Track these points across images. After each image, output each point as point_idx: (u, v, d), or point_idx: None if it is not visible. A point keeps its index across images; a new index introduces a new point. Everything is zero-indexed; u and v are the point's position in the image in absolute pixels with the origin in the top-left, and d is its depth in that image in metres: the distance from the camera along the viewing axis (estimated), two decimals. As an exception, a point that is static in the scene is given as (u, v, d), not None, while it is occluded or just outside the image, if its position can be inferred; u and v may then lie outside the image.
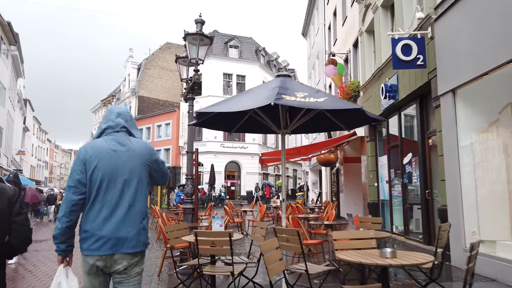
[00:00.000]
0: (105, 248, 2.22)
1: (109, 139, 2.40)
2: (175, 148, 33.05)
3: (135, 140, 2.49)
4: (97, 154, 2.31)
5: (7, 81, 25.90)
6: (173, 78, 40.52)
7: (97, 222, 2.25)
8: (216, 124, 5.43)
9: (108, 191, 2.28)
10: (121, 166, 2.33)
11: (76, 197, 2.25)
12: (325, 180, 19.49)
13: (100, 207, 2.27)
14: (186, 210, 6.93)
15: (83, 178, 2.27)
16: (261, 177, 33.46)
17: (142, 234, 2.35)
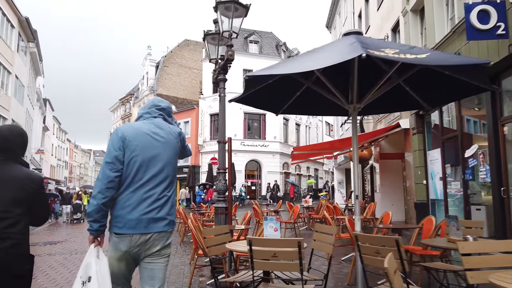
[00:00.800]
0: (140, 226, 2.26)
1: (148, 123, 2.46)
2: (194, 147, 32.22)
3: (170, 125, 2.55)
4: (136, 136, 2.35)
5: (25, 79, 25.54)
6: (192, 76, 39.81)
7: (131, 203, 2.27)
8: (261, 100, 4.33)
9: (145, 174, 2.31)
10: (158, 150, 2.38)
11: (113, 174, 2.26)
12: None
13: (134, 188, 2.29)
14: (219, 210, 5.88)
15: (121, 155, 2.30)
16: (283, 176, 32.32)
17: (172, 212, 2.41)
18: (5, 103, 21.19)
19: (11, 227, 2.07)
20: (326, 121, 44.06)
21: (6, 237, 2.05)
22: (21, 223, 2.13)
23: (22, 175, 2.19)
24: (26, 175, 2.21)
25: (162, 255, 2.38)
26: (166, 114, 2.60)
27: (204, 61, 33.48)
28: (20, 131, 2.33)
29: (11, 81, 22.03)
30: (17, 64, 23.03)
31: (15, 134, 2.27)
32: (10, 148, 2.21)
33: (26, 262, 2.16)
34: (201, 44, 39.09)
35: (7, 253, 2.03)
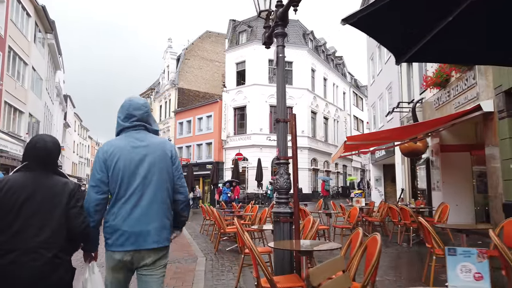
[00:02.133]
0: (128, 243, 2.24)
1: (127, 136, 2.41)
2: (217, 142, 30.70)
3: (154, 136, 2.50)
4: (117, 151, 2.33)
5: (43, 71, 24.53)
6: (214, 69, 38.30)
7: (119, 217, 2.27)
8: (385, 27, 2.47)
9: (129, 187, 2.30)
10: (140, 161, 2.34)
11: (99, 196, 2.30)
12: (402, 175, 16.23)
13: (122, 203, 2.29)
14: (281, 216, 4.14)
15: (104, 176, 2.31)
16: (311, 173, 30.41)
17: (164, 230, 2.35)
18: (21, 95, 20.11)
19: (53, 237, 2.09)
20: (355, 115, 41.81)
21: (49, 247, 2.07)
22: (62, 232, 2.15)
23: (60, 185, 2.22)
24: (63, 184, 2.23)
25: (157, 266, 2.36)
26: (145, 122, 2.48)
27: (227, 52, 31.86)
28: (58, 142, 2.36)
29: (28, 73, 20.96)
30: (34, 56, 21.96)
31: (56, 146, 2.31)
32: (54, 159, 2.27)
33: (66, 273, 2.16)
34: (223, 36, 37.52)
35: (50, 263, 2.06)
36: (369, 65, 23.33)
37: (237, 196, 20.38)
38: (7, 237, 2.03)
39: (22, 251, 2.01)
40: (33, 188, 2.13)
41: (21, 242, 2.03)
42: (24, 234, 2.04)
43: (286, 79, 26.64)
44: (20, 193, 2.10)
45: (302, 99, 30.03)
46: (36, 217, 2.08)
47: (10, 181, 2.13)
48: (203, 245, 8.87)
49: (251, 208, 11.42)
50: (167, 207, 2.40)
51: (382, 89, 19.55)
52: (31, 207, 2.09)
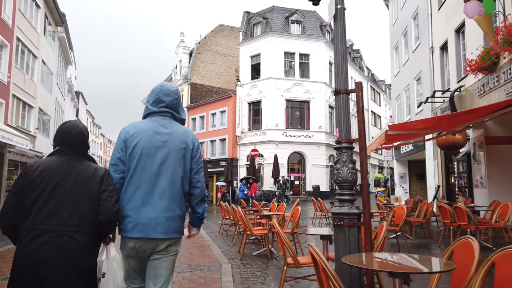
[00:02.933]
0: (136, 230, 2.21)
1: (152, 120, 2.39)
2: (231, 138, 29.75)
3: (179, 125, 2.46)
4: (138, 133, 2.31)
5: (54, 65, 23.86)
6: (227, 63, 37.33)
7: (132, 203, 2.25)
8: None
9: (145, 171, 2.27)
10: (160, 147, 2.30)
11: (117, 175, 2.28)
12: (434, 172, 14.98)
13: (135, 187, 2.26)
14: (345, 219, 3.09)
15: (123, 156, 2.30)
16: (329, 170, 29.22)
17: (176, 221, 2.29)
18: (31, 89, 19.41)
19: (84, 220, 2.11)
20: (372, 110, 40.41)
21: (80, 231, 2.09)
22: (93, 217, 2.16)
23: (90, 169, 2.23)
24: (94, 169, 2.24)
25: (169, 252, 2.32)
26: (173, 109, 2.46)
27: (241, 45, 30.84)
28: (86, 128, 2.35)
29: (38, 66, 20.26)
30: (44, 49, 21.26)
31: (85, 132, 2.30)
32: (82, 144, 2.26)
33: (96, 256, 2.21)
34: (237, 29, 36.52)
35: (81, 246, 2.07)
36: (392, 55, 22.05)
37: (254, 193, 19.39)
38: (40, 219, 2.06)
39: (55, 232, 2.05)
40: (66, 172, 2.16)
41: (54, 224, 2.06)
42: (57, 217, 2.08)
43: (303, 72, 25.30)
44: (52, 176, 2.13)
45: (319, 93, 28.85)
46: (68, 200, 2.11)
47: (43, 165, 2.18)
48: (225, 248, 7.88)
49: (277, 206, 10.43)
50: (180, 198, 2.34)
51: (409, 79, 18.30)
52: (63, 190, 2.12)
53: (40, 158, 21.13)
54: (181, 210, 2.34)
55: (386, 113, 47.16)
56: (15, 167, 18.99)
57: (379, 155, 42.54)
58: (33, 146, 19.51)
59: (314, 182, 27.65)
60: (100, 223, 2.17)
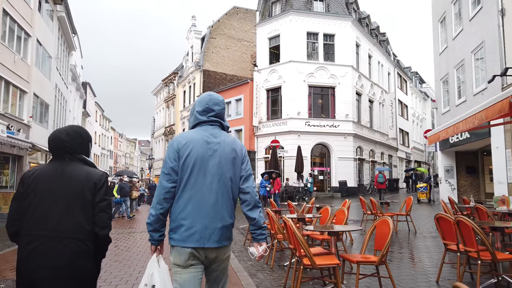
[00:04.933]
0: (192, 240, 2.22)
1: (202, 130, 2.42)
2: (248, 129, 27.12)
3: (227, 134, 2.52)
4: (190, 143, 2.34)
5: (52, 48, 21.51)
6: (242, 49, 34.62)
7: (185, 212, 2.25)
8: None
9: (198, 180, 2.29)
10: (212, 157, 2.34)
11: (169, 185, 2.29)
12: (506, 163, 12.10)
13: (188, 197, 2.27)
14: None
15: (176, 166, 2.31)
16: (356, 163, 26.38)
17: (227, 229, 2.32)
18: (23, 72, 17.06)
19: (76, 225, 2.09)
20: (399, 99, 37.24)
21: (71, 236, 2.07)
22: (85, 223, 2.11)
23: (82, 173, 2.20)
24: (87, 174, 2.21)
25: (221, 260, 2.34)
26: (221, 118, 2.49)
27: (258, 26, 28.05)
28: (79, 131, 2.33)
29: (31, 46, 17.89)
30: (39, 27, 18.88)
31: (72, 135, 2.27)
32: (69, 149, 2.23)
33: (91, 262, 2.14)
34: (252, 12, 33.75)
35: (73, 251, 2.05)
36: (436, 30, 19.02)
37: (278, 190, 16.73)
38: (33, 225, 2.07)
39: (46, 238, 2.04)
40: (59, 177, 2.17)
41: (45, 230, 2.05)
42: (48, 222, 2.07)
43: (327, 54, 22.25)
44: (45, 181, 2.15)
45: (345, 78, 25.95)
46: (59, 205, 2.10)
47: (38, 171, 2.22)
48: (260, 277, 5.23)
49: (318, 209, 7.77)
50: (231, 207, 2.37)
51: (463, 54, 15.32)
52: (55, 195, 2.11)
53: (35, 150, 18.90)
54: (232, 218, 2.37)
55: (413, 103, 43.90)
56: (5, 160, 16.74)
57: (405, 148, 39.42)
58: (27, 136, 17.20)
59: (340, 177, 24.85)
60: (94, 233, 2.14)
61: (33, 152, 18.91)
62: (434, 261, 5.94)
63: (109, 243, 2.25)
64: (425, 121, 49.02)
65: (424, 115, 48.88)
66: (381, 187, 20.25)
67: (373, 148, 29.61)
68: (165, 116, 41.23)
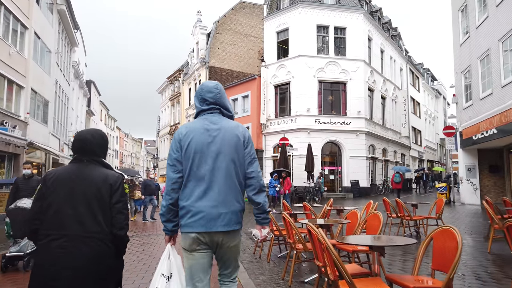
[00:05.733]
0: (198, 225, 2.27)
1: (202, 119, 2.49)
2: (255, 127, 26.10)
3: (228, 120, 2.53)
4: (190, 132, 2.41)
5: (52, 43, 20.68)
6: (249, 45, 33.62)
7: (192, 198, 2.31)
8: None
9: (200, 168, 2.34)
10: (212, 143, 2.38)
11: (175, 175, 2.37)
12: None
13: (194, 184, 2.34)
14: None
15: (179, 156, 2.38)
16: (369, 162, 25.23)
17: (234, 214, 2.35)
18: (20, 66, 16.22)
19: (96, 226, 2.14)
20: (412, 96, 35.95)
21: (92, 236, 2.12)
22: (103, 223, 2.17)
23: (100, 175, 2.26)
24: (104, 175, 2.27)
25: (230, 246, 2.37)
26: (220, 105, 2.53)
27: (266, 20, 27.02)
28: (100, 134, 2.41)
29: (28, 38, 17.05)
30: (37, 20, 18.05)
31: (96, 137, 2.35)
32: (91, 150, 2.30)
33: (111, 261, 2.19)
34: (259, 7, 32.74)
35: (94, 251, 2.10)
36: (456, 20, 17.84)
37: (288, 190, 15.69)
38: (54, 225, 2.13)
39: (67, 237, 2.09)
40: (78, 179, 2.22)
41: (67, 229, 2.11)
42: (69, 222, 2.13)
43: (338, 49, 21.09)
44: (64, 183, 2.21)
45: (357, 73, 24.81)
46: (79, 206, 2.15)
47: (58, 172, 2.28)
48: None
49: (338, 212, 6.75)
50: (237, 191, 2.40)
51: (489, 43, 14.15)
52: (74, 196, 2.17)
53: (33, 148, 18.07)
54: (239, 202, 2.40)
55: (425, 100, 42.55)
56: (1, 158, 15.90)
57: (418, 146, 38.14)
58: (24, 133, 16.35)
59: (352, 176, 23.72)
60: (112, 233, 2.19)
61: (31, 150, 18.08)
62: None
63: (127, 242, 2.29)
64: (437, 119, 47.62)
65: (436, 113, 47.46)
66: (397, 187, 19.11)
67: (385, 147, 28.42)
68: (170, 114, 40.38)
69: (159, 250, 7.38)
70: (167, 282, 2.29)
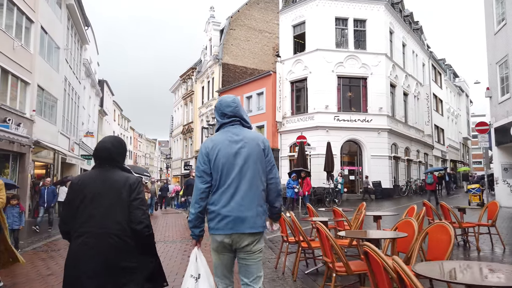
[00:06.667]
0: (227, 227, 2.48)
1: (225, 132, 2.68)
2: (270, 125, 24.98)
3: (249, 131, 2.73)
4: (216, 146, 2.61)
5: (60, 38, 19.98)
6: (263, 41, 32.52)
7: (220, 204, 2.52)
8: None
9: (228, 177, 2.54)
10: (237, 154, 2.57)
11: (203, 186, 2.57)
12: None
13: (222, 191, 2.54)
14: None
15: (207, 168, 2.59)
16: (392, 162, 23.82)
17: (259, 217, 2.54)
18: (25, 61, 15.49)
19: (118, 224, 2.36)
20: (434, 93, 34.25)
21: (114, 233, 2.34)
22: (125, 222, 2.37)
23: (121, 178, 2.49)
24: (124, 178, 2.50)
25: (254, 250, 2.53)
26: (239, 117, 2.71)
27: (281, 13, 25.88)
28: (120, 142, 2.68)
29: (35, 33, 16.33)
30: (44, 13, 17.35)
31: (116, 145, 2.60)
32: (113, 158, 2.55)
33: (133, 256, 2.37)
34: (274, 1, 31.59)
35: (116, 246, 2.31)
36: (489, 6, 16.38)
37: (308, 191, 14.51)
38: (80, 223, 2.38)
39: (92, 234, 2.32)
40: (101, 182, 2.46)
41: (91, 227, 2.34)
42: (93, 221, 2.36)
43: (358, 42, 19.68)
44: (89, 186, 2.45)
45: (378, 68, 23.44)
46: (102, 206, 2.39)
47: (83, 177, 2.55)
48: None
49: (375, 219, 5.64)
50: (261, 196, 2.59)
51: (533, 28, 12.72)
52: (99, 198, 2.40)
53: (40, 147, 17.34)
54: (262, 207, 2.58)
55: (448, 97, 40.69)
56: (5, 158, 15.18)
57: (441, 146, 36.38)
58: (29, 131, 15.60)
59: (373, 177, 22.36)
60: (132, 229, 2.38)
61: (38, 150, 17.36)
62: None
63: (150, 236, 2.44)
64: (460, 118, 45.61)
65: (459, 111, 45.46)
66: (430, 188, 17.80)
67: (408, 146, 26.93)
68: (183, 113, 39.58)
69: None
70: (196, 282, 2.50)
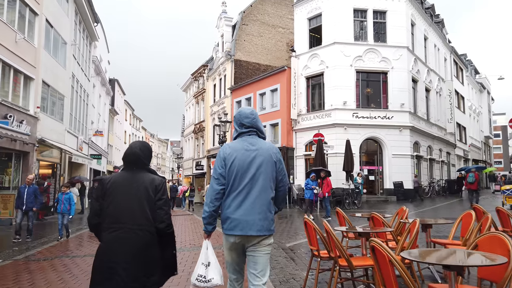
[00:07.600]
0: (237, 229, 2.75)
1: (242, 140, 2.96)
2: (285, 122, 23.88)
3: (264, 141, 3.01)
4: (233, 152, 2.87)
5: (67, 33, 19.27)
6: (277, 36, 31.43)
7: (232, 207, 2.79)
8: None
9: (241, 182, 2.81)
10: (251, 162, 2.84)
11: (219, 187, 2.83)
12: None
13: (234, 195, 2.81)
14: None
15: (223, 172, 2.84)
16: (414, 162, 22.47)
17: (267, 221, 2.79)
18: (28, 55, 14.74)
19: (146, 220, 2.68)
20: (456, 89, 32.65)
21: (143, 229, 2.65)
22: (151, 218, 2.69)
23: (148, 179, 2.79)
24: (151, 179, 2.81)
25: (262, 244, 2.79)
26: (256, 127, 2.98)
27: (296, 6, 24.77)
28: (148, 147, 2.98)
29: (39, 26, 15.59)
30: (50, 6, 16.61)
31: (144, 151, 2.90)
32: (141, 162, 2.86)
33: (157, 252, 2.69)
34: (287, -4, 30.47)
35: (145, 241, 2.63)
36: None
37: (328, 192, 13.38)
38: (114, 219, 2.67)
39: (124, 229, 2.63)
40: (130, 183, 2.77)
41: (123, 223, 2.65)
42: (125, 217, 2.67)
43: (378, 35, 18.27)
44: (120, 186, 2.76)
45: (400, 62, 22.14)
46: (132, 204, 2.69)
47: (113, 178, 2.83)
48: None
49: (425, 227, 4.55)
50: (270, 202, 2.85)
51: None
52: (129, 197, 2.71)
53: (45, 146, 16.59)
54: (270, 212, 2.84)
55: (470, 94, 38.96)
56: (8, 157, 14.44)
57: (463, 145, 34.72)
58: (33, 129, 14.84)
59: (395, 177, 21.08)
60: (155, 227, 2.69)
61: (44, 149, 16.62)
62: None
63: (171, 233, 2.78)
64: (481, 116, 43.75)
65: (480, 109, 43.61)
66: (471, 188, 16.59)
67: (430, 144, 25.52)
68: (195, 112, 38.75)
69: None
70: (206, 269, 2.84)
